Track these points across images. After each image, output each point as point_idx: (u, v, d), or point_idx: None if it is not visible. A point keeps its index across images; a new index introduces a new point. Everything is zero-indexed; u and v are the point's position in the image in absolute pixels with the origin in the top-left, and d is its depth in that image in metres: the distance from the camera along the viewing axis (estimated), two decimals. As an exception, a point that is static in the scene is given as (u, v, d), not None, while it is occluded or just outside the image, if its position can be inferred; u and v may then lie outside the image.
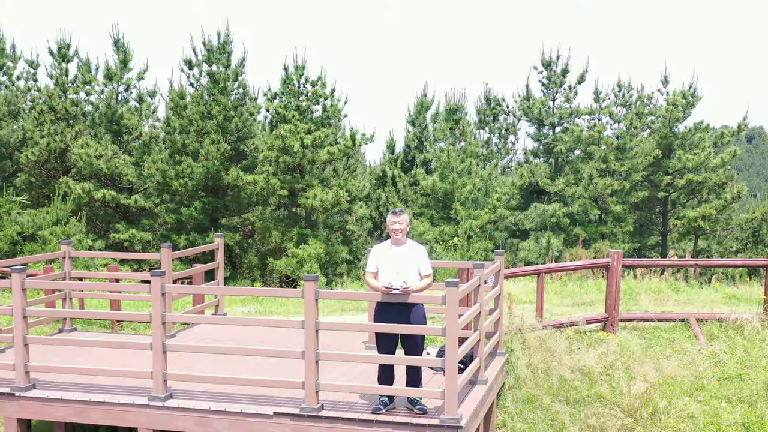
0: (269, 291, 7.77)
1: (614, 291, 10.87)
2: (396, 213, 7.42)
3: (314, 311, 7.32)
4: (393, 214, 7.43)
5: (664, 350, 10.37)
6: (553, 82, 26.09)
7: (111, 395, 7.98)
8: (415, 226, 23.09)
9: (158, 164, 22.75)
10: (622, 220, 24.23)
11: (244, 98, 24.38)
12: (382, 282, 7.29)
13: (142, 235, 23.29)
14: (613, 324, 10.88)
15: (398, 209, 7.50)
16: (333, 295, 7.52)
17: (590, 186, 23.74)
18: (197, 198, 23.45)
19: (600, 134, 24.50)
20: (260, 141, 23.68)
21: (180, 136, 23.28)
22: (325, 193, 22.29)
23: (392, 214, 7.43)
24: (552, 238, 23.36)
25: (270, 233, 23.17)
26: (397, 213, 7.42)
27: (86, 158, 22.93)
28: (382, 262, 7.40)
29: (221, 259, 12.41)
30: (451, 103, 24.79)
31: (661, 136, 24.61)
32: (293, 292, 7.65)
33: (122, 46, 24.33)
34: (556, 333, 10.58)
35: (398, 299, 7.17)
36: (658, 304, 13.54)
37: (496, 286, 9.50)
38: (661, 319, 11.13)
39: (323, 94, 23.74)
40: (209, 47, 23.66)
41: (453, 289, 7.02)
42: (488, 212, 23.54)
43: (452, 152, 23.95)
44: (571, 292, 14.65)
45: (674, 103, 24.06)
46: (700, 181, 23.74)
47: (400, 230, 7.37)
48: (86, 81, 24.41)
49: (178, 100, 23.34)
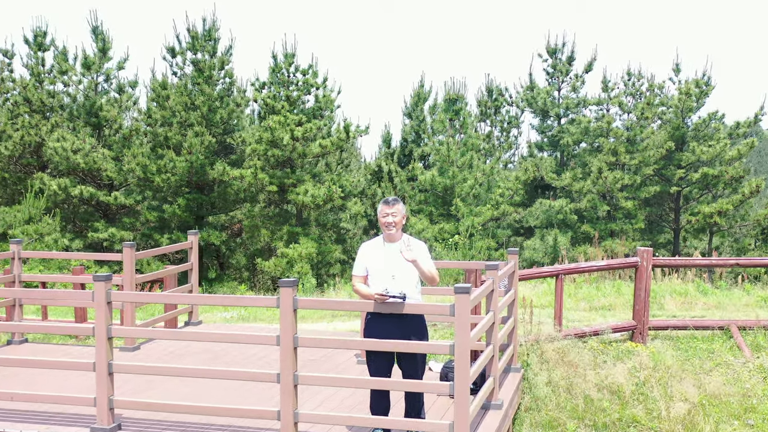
0: (236, 299, 6.36)
1: (643, 295, 9.45)
2: (388, 202, 5.96)
3: (292, 324, 5.91)
4: (385, 203, 5.97)
5: (704, 363, 8.95)
6: (559, 70, 24.65)
7: (48, 426, 6.54)
8: (413, 223, 21.65)
9: (138, 158, 21.30)
10: (632, 217, 22.82)
11: (230, 88, 22.93)
12: (375, 288, 5.88)
13: (122, 234, 21.84)
14: (642, 333, 9.47)
15: (391, 198, 6.04)
16: (315, 304, 6.10)
17: (599, 180, 22.33)
18: (181, 194, 22.01)
19: (609, 125, 23.07)
20: (248, 134, 22.24)
21: (162, 128, 21.84)
22: (317, 189, 20.85)
23: (384, 203, 5.98)
24: (559, 236, 21.96)
25: (258, 232, 21.74)
26: (389, 202, 5.96)
27: (62, 152, 21.48)
28: (372, 262, 5.97)
29: (195, 260, 11.00)
30: (451, 92, 23.34)
31: (673, 127, 23.19)
32: (267, 300, 6.22)
33: (101, 34, 22.88)
34: (578, 344, 9.16)
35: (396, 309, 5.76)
36: (685, 308, 12.15)
37: (510, 290, 8.09)
38: (698, 327, 9.72)
39: (315, 83, 22.32)
40: (194, 34, 22.19)
41: (464, 297, 5.59)
42: (491, 209, 22.11)
43: (452, 145, 22.53)
44: (586, 295, 13.25)
45: (687, 92, 22.64)
46: (715, 175, 22.33)
47: (394, 223, 5.92)
48: (63, 71, 22.93)
49: (160, 90, 21.89)
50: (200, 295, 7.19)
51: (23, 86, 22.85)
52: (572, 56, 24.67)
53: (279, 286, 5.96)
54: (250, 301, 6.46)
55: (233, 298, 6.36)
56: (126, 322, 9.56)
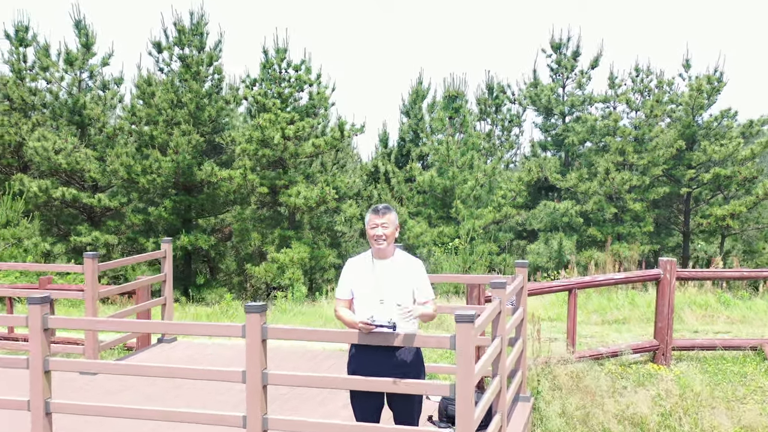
0: (195, 327, 5.34)
1: (667, 311, 8.43)
2: (378, 211, 4.92)
3: (260, 357, 4.90)
4: (374, 213, 4.93)
5: (736, 390, 7.93)
6: (563, 66, 23.60)
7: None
8: (410, 226, 20.61)
9: (123, 158, 20.27)
10: (640, 220, 21.78)
11: (219, 85, 21.88)
12: (360, 314, 4.86)
13: (106, 237, 20.83)
14: (665, 354, 8.45)
15: (381, 206, 4.99)
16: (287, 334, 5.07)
17: (606, 181, 21.28)
18: (167, 196, 20.97)
19: (616, 124, 22.02)
20: (238, 133, 21.20)
21: (147, 127, 20.80)
22: (310, 191, 19.82)
23: (372, 213, 4.94)
24: (564, 240, 20.92)
25: (249, 235, 20.69)
26: (379, 211, 4.92)
27: (43, 153, 20.45)
28: (359, 284, 4.95)
29: (169, 270, 9.99)
30: (450, 89, 22.30)
31: (683, 126, 22.13)
32: (231, 329, 5.18)
33: (84, 29, 21.85)
34: (594, 366, 8.15)
35: (385, 341, 4.75)
36: (707, 322, 11.15)
37: (518, 308, 7.08)
38: (728, 347, 8.70)
39: (308, 80, 21.29)
40: (180, 28, 21.16)
41: (467, 327, 4.57)
42: (492, 211, 21.09)
43: (452, 144, 21.49)
44: (598, 307, 12.24)
45: (699, 88, 21.58)
46: (727, 176, 21.28)
47: (384, 236, 4.88)
48: (44, 67, 21.88)
49: (145, 87, 20.85)
50: (153, 321, 6.17)
51: (3, 83, 21.80)
52: (577, 51, 23.62)
53: (246, 311, 4.95)
54: (212, 329, 5.43)
55: (191, 326, 5.35)
56: (89, 341, 8.55)
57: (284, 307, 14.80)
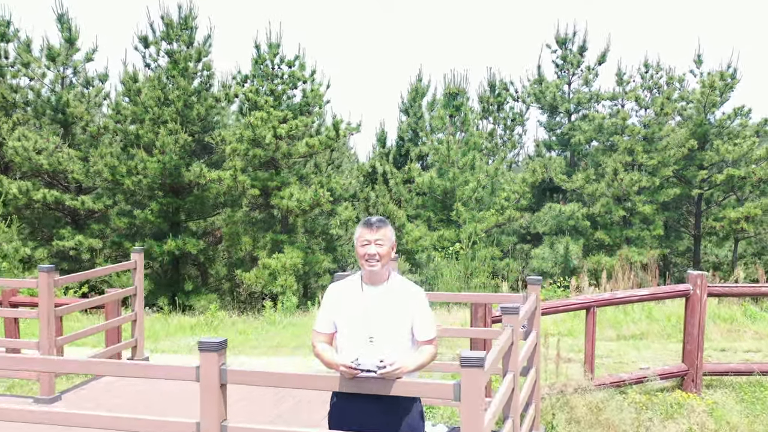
0: (141, 369, 4.38)
1: (697, 332, 7.45)
2: (371, 225, 3.91)
3: (218, 407, 3.92)
4: (366, 226, 3.92)
5: (779, 423, 6.95)
6: (569, 62, 22.60)
7: None
8: (409, 230, 19.62)
9: (107, 159, 19.29)
10: (650, 222, 20.79)
11: (209, 82, 20.88)
12: (344, 353, 3.89)
13: (90, 242, 19.85)
14: (695, 380, 7.47)
15: (374, 218, 3.97)
16: (253, 378, 4.06)
17: (614, 182, 20.28)
18: (154, 198, 19.99)
19: (624, 122, 21.04)
20: (228, 132, 20.20)
21: (133, 126, 19.82)
22: (303, 193, 18.84)
23: (364, 226, 3.93)
24: (570, 244, 19.94)
25: (239, 239, 19.71)
26: (372, 225, 3.91)
27: (23, 153, 19.48)
28: (343, 315, 3.96)
29: (140, 283, 9.02)
30: (451, 86, 21.31)
31: (695, 124, 21.14)
32: (182, 371, 4.18)
33: (67, 23, 20.85)
34: (615, 396, 7.17)
35: (373, 388, 3.77)
36: (733, 339, 10.17)
37: (531, 332, 6.10)
38: (766, 372, 7.72)
39: (302, 76, 20.31)
40: (168, 22, 20.14)
41: (475, 372, 3.58)
42: (495, 214, 20.10)
43: (452, 144, 20.51)
44: (612, 320, 11.27)
45: (711, 84, 20.60)
46: (741, 176, 20.29)
47: (378, 256, 3.87)
48: (26, 63, 20.87)
49: (131, 83, 19.86)
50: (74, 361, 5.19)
51: (-17, 81, 20.84)
52: (584, 46, 22.61)
53: (200, 349, 3.96)
54: (160, 371, 4.42)
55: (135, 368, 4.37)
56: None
57: (273, 319, 13.83)
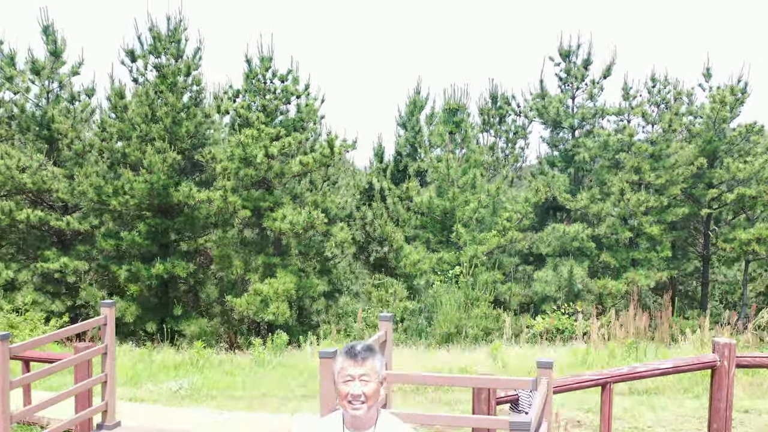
0: None
1: (724, 408, 6.66)
2: (354, 356, 3.09)
3: None
4: (349, 356, 3.10)
5: None
6: (573, 75, 21.77)
7: None
8: (407, 253, 18.82)
9: (92, 178, 18.52)
10: (657, 243, 20.00)
11: (199, 97, 20.10)
12: None
13: (76, 264, 19.08)
14: (724, 464, 6.68)
15: (359, 346, 3.13)
16: None
17: (621, 202, 19.49)
18: (142, 219, 19.21)
19: (631, 138, 20.24)
20: (219, 149, 19.42)
21: (119, 143, 19.04)
22: (297, 214, 18.04)
23: (347, 356, 3.11)
24: (574, 266, 19.14)
25: (230, 262, 18.92)
26: (357, 355, 3.09)
27: (6, 171, 18.73)
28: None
29: (111, 340, 8.22)
30: (451, 101, 20.52)
31: (704, 141, 20.33)
32: None
33: (52, 35, 20.08)
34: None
35: None
36: (757, 395, 9.38)
37: (542, 424, 5.32)
38: (802, 455, 6.92)
39: (295, 91, 19.51)
40: (156, 34, 19.36)
41: None
42: (497, 235, 19.31)
43: (452, 162, 19.72)
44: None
45: (721, 99, 19.78)
46: (753, 196, 19.50)
47: (363, 397, 3.05)
48: (9, 77, 20.09)
49: (117, 99, 19.08)
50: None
51: (-35, 95, 20.07)
52: (588, 59, 21.79)
53: None
54: None
55: None
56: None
57: (263, 358, 13.05)
